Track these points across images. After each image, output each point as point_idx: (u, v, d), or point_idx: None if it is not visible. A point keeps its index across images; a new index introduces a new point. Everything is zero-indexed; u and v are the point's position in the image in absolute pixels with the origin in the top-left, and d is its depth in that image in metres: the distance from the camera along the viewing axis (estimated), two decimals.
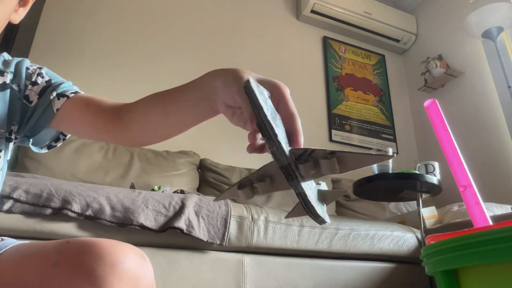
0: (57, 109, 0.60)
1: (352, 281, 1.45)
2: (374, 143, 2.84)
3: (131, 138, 0.58)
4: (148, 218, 1.19)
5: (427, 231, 1.67)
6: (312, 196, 0.36)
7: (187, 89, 0.50)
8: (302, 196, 0.36)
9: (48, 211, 1.11)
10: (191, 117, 0.51)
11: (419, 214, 1.61)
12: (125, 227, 1.17)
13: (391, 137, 2.97)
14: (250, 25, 2.82)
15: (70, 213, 1.12)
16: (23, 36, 2.06)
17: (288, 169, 0.35)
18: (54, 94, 0.61)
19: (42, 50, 2.11)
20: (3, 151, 0.59)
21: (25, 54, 2.03)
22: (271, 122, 0.33)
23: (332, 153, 0.35)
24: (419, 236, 1.61)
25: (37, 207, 1.10)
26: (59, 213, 1.12)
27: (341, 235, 1.47)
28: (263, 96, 0.35)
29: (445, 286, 0.36)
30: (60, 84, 0.63)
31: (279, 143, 0.33)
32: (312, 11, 2.91)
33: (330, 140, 2.71)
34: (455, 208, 1.84)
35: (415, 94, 3.10)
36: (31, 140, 0.64)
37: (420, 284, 1.58)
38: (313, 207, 0.36)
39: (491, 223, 0.41)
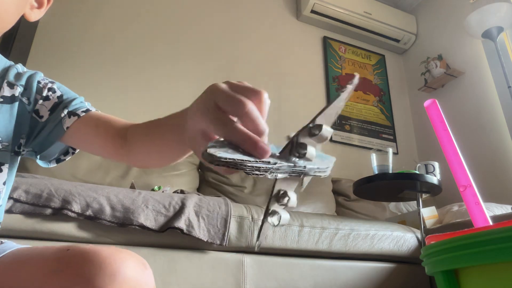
0: (67, 127, 0.59)
1: (352, 281, 1.45)
2: (374, 143, 2.84)
3: (137, 161, 0.58)
4: (148, 218, 1.19)
5: (427, 231, 1.67)
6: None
7: (169, 124, 0.46)
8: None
9: (48, 211, 1.11)
10: (179, 152, 0.48)
11: (419, 214, 1.61)
12: (125, 227, 1.17)
13: (391, 137, 2.97)
14: (250, 25, 2.82)
15: (70, 213, 1.12)
16: (22, 40, 2.06)
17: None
18: (66, 111, 0.60)
19: (41, 54, 2.10)
20: (7, 165, 0.58)
21: (24, 58, 2.03)
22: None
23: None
24: (419, 236, 1.61)
25: (37, 207, 1.10)
26: (59, 213, 1.11)
27: (341, 235, 1.47)
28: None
29: (445, 286, 0.36)
30: (72, 100, 0.62)
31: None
32: (312, 11, 2.91)
33: (330, 140, 2.70)
34: (455, 208, 1.84)
35: (415, 94, 3.10)
36: (38, 156, 0.63)
37: (420, 284, 1.58)
38: None
39: (491, 223, 0.41)
